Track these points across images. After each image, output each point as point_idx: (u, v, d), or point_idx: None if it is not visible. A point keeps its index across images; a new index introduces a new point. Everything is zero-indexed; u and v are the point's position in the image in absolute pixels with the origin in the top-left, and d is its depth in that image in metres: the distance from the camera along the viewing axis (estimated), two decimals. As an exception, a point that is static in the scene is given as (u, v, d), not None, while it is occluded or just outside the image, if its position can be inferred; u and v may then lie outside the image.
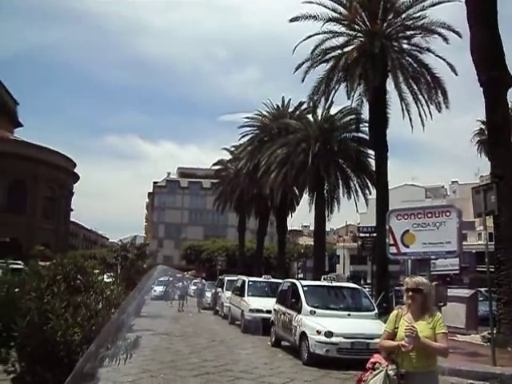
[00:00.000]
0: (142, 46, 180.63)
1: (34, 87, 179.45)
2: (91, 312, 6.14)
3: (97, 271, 7.58)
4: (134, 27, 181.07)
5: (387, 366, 4.78)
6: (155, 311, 24.67)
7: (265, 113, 44.55)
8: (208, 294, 33.39)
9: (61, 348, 5.95)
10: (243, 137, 45.44)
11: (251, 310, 19.65)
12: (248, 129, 44.95)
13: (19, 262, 10.17)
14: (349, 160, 33.85)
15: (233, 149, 51.52)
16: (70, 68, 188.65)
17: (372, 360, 5.00)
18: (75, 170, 73.23)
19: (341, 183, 34.81)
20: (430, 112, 27.05)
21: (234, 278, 27.28)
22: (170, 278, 34.39)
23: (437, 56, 26.56)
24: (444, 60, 26.42)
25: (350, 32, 27.79)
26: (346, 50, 27.41)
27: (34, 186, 62.96)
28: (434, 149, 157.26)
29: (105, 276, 8.84)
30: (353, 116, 32.97)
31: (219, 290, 29.15)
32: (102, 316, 6.16)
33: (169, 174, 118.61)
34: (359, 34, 27.55)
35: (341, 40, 27.76)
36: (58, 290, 6.19)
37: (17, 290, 6.27)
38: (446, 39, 25.72)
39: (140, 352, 7.52)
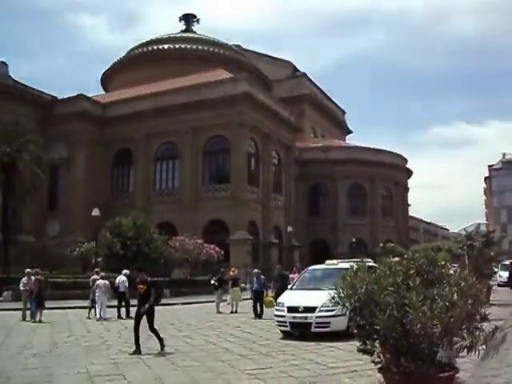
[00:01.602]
0: (454, 27, 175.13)
1: (358, 93, 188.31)
2: (448, 304, 6.17)
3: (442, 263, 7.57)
4: (440, 12, 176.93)
5: None
6: (504, 299, 23.31)
7: None
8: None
9: (421, 340, 6.12)
10: None
11: None
12: None
13: (369, 259, 10.77)
14: None
15: None
16: (391, 68, 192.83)
17: None
18: (407, 166, 74.28)
19: None
20: None
21: None
22: None
23: None
24: None
25: None
26: None
27: (371, 187, 66.02)
28: None
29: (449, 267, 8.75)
30: None
31: None
32: (460, 307, 6.15)
33: (504, 154, 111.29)
34: None
35: None
36: (413, 283, 6.39)
37: (374, 286, 6.65)
38: None
39: (506, 345, 7.26)
